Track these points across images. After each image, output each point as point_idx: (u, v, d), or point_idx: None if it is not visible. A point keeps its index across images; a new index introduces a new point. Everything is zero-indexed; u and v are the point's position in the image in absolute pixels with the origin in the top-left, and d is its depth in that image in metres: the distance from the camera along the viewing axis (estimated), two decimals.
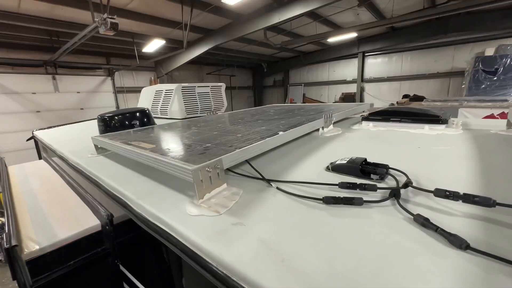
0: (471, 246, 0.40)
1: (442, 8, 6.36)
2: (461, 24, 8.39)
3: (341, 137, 1.16)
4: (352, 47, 10.83)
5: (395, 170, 0.70)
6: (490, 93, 7.74)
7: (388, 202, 0.57)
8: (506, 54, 7.84)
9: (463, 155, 0.79)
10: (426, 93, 9.66)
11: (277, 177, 0.78)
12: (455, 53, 9.31)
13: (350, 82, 11.71)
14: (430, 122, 1.12)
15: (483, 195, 0.53)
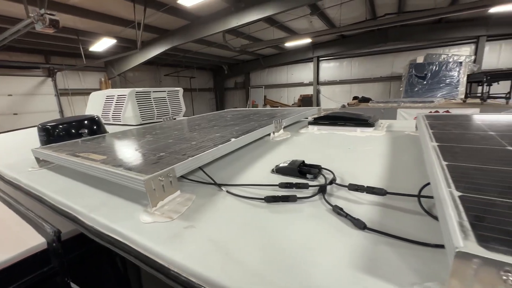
0: (368, 226, 0.53)
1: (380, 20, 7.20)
2: (398, 35, 9.58)
3: (289, 141, 1.29)
4: (307, 51, 11.52)
5: (326, 170, 0.83)
6: (421, 95, 8.99)
7: (316, 197, 0.69)
8: (433, 62, 9.19)
9: (380, 153, 0.97)
10: (372, 95, 10.76)
11: (228, 181, 0.85)
12: (394, 60, 10.59)
13: (307, 85, 12.43)
14: (361, 125, 1.31)
15: (382, 186, 0.68)
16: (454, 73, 8.66)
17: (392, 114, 6.77)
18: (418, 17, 6.45)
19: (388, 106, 7.16)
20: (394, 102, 7.41)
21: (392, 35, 9.51)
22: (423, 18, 6.53)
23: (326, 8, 7.55)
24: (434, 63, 9.07)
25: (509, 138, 0.74)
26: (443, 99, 7.56)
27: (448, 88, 8.72)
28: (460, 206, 0.44)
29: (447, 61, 8.91)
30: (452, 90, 8.54)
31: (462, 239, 0.35)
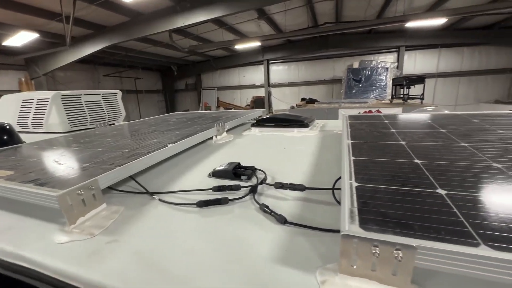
0: (288, 220, 0.58)
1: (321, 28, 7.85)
2: (337, 42, 10.58)
3: (231, 143, 1.32)
4: (257, 54, 11.84)
5: (260, 170, 0.88)
6: (358, 96, 10.12)
7: (247, 198, 0.72)
8: (366, 67, 10.43)
9: (309, 152, 1.07)
10: (318, 96, 11.64)
11: (163, 188, 0.83)
12: (334, 64, 11.66)
13: (259, 87, 12.76)
14: (298, 126, 1.42)
15: (308, 182, 0.75)
16: (382, 77, 9.99)
17: (334, 114, 7.44)
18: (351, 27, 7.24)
19: (331, 106, 7.86)
20: (336, 103, 8.17)
21: (332, 42, 10.45)
22: (356, 28, 7.36)
23: (273, 14, 7.89)
24: (367, 68, 10.32)
25: (404, 134, 0.90)
26: (375, 100, 8.62)
27: (378, 90, 10.01)
28: (355, 195, 0.52)
29: (377, 66, 10.23)
30: (382, 92, 9.84)
31: (349, 223, 0.42)
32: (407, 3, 7.28)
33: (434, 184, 0.53)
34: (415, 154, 0.70)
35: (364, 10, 7.95)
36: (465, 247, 0.35)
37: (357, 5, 7.61)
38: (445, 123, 1.02)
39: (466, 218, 0.41)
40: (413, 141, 0.82)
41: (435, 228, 0.39)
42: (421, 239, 0.37)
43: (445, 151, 0.71)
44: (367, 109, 7.37)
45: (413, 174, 0.58)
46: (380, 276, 0.39)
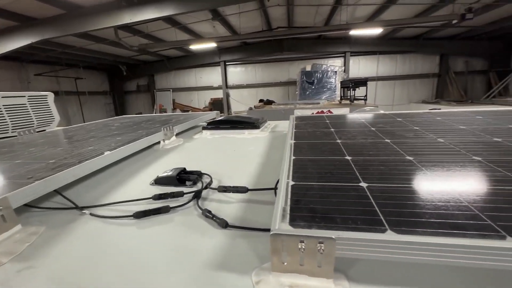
0: (230, 224, 0.58)
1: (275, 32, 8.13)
2: (291, 46, 11.06)
3: (180, 148, 1.26)
4: (214, 55, 11.69)
5: (206, 174, 0.86)
6: (311, 97, 10.74)
7: (191, 204, 0.70)
8: (317, 70, 11.13)
9: (258, 153, 1.09)
10: (275, 97, 12.00)
11: (97, 201, 0.75)
12: (289, 67, 12.18)
13: (217, 88, 12.61)
14: (249, 127, 1.44)
15: (254, 183, 0.76)
16: (332, 80, 10.79)
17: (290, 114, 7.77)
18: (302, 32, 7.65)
19: (287, 107, 8.19)
20: (292, 104, 8.54)
21: (286, 46, 10.91)
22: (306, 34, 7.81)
23: (227, 16, 7.88)
24: (318, 71, 11.03)
25: (340, 133, 0.98)
26: (326, 101, 9.26)
27: (329, 92, 10.78)
28: (290, 193, 0.54)
29: (327, 70, 11.01)
30: (332, 94, 10.63)
31: (279, 222, 0.43)
32: (350, 13, 8.02)
33: (358, 178, 0.58)
34: (347, 151, 0.77)
35: (313, 17, 8.49)
36: (374, 233, 0.39)
37: (306, 12, 8.08)
38: (375, 122, 1.14)
39: (379, 207, 0.46)
40: (348, 139, 0.90)
41: (353, 219, 0.43)
42: (341, 230, 0.40)
43: (371, 147, 0.79)
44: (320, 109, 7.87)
45: (343, 170, 0.64)
46: (308, 269, 0.41)
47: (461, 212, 0.43)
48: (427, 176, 0.57)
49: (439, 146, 0.76)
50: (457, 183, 0.53)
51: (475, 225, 0.39)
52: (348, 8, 7.45)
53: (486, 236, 0.37)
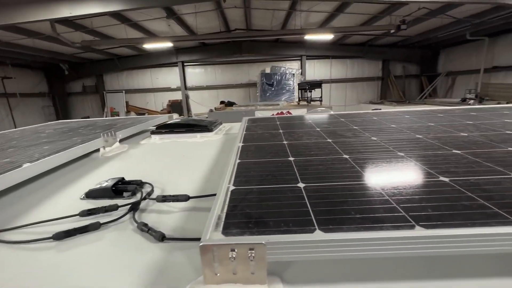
0: (167, 236, 0.54)
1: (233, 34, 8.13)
2: (250, 48, 11.19)
3: (123, 155, 1.16)
4: (171, 56, 11.19)
5: (147, 183, 0.80)
6: (272, 99, 11.01)
7: (127, 217, 0.64)
8: (276, 72, 11.47)
9: (209, 157, 1.06)
10: (236, 99, 11.99)
11: (7, 224, 0.63)
12: (249, 69, 12.31)
13: (176, 90, 12.09)
14: (201, 131, 1.39)
15: (199, 189, 0.72)
16: (290, 82, 11.23)
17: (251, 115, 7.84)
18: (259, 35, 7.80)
19: (249, 109, 8.26)
20: (253, 106, 8.64)
21: (245, 48, 11.00)
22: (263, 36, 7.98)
23: (183, 15, 7.61)
24: (277, 73, 11.37)
25: (288, 134, 1.00)
26: (285, 102, 9.58)
27: (288, 94, 11.20)
28: (228, 198, 0.53)
29: (285, 72, 11.41)
30: (291, 95, 11.05)
31: (211, 231, 0.42)
32: (304, 19, 8.45)
33: (298, 178, 0.60)
34: (291, 152, 0.79)
35: (270, 21, 8.73)
36: (302, 235, 0.39)
37: (263, 16, 8.27)
38: (320, 122, 1.20)
39: (312, 207, 0.48)
40: (294, 140, 0.92)
41: (286, 221, 0.43)
42: (273, 234, 0.40)
43: (314, 148, 0.82)
44: (280, 110, 8.10)
45: (285, 171, 0.65)
46: (242, 278, 0.40)
47: (381, 206, 0.46)
48: (358, 173, 0.61)
49: (372, 144, 0.83)
50: (381, 178, 0.58)
51: (391, 218, 0.43)
52: (302, 14, 7.83)
53: (399, 227, 0.40)
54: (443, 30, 8.60)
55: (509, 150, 0.72)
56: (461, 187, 0.52)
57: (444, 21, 7.73)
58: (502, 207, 0.44)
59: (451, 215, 0.43)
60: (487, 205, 0.45)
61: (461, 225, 0.40)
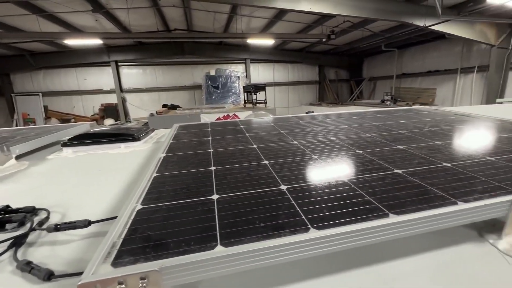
0: (56, 273, 0.46)
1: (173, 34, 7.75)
2: (192, 49, 10.83)
3: (19, 175, 0.96)
4: (101, 54, 10.00)
5: (43, 210, 0.67)
6: (218, 101, 10.91)
7: (6, 256, 0.52)
8: (221, 75, 11.41)
9: (130, 171, 0.96)
10: (181, 102, 11.48)
11: None
12: (193, 71, 11.93)
13: (109, 92, 10.85)
14: (126, 140, 1.27)
15: (107, 211, 0.64)
16: (236, 84, 11.33)
17: (197, 119, 7.61)
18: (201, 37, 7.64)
19: (193, 112, 7.99)
20: (198, 109, 8.39)
21: (188, 49, 10.61)
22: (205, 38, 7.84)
23: (114, 9, 6.89)
24: (222, 76, 11.33)
25: (216, 142, 0.99)
26: (232, 105, 9.62)
27: (234, 96, 11.27)
28: (131, 220, 0.48)
29: (231, 75, 11.46)
30: (237, 98, 11.15)
31: (97, 265, 0.37)
32: (246, 23, 8.64)
33: (213, 190, 0.59)
34: (214, 161, 0.77)
35: (212, 23, 8.63)
36: (201, 253, 0.38)
37: (205, 17, 8.13)
38: (251, 127, 1.23)
39: (220, 220, 0.47)
40: (221, 147, 0.91)
41: (188, 240, 0.41)
42: (170, 257, 0.37)
43: (238, 154, 0.83)
44: (226, 113, 8.09)
45: (202, 183, 0.63)
46: None
47: (285, 212, 0.49)
48: (272, 179, 0.64)
49: (293, 148, 0.88)
50: (291, 183, 0.61)
51: (291, 223, 0.45)
52: (243, 19, 7.98)
53: (295, 232, 0.43)
54: (364, 41, 9.95)
55: (397, 147, 0.85)
56: (355, 185, 0.59)
57: (365, 33, 8.94)
58: (381, 201, 0.51)
59: (341, 214, 0.47)
60: (370, 201, 0.52)
61: (347, 222, 0.45)
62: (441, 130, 1.07)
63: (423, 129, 1.09)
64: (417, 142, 0.90)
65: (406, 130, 1.08)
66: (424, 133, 1.02)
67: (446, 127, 1.13)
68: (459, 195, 0.53)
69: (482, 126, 1.11)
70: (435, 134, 1.01)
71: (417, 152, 0.80)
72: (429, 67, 9.79)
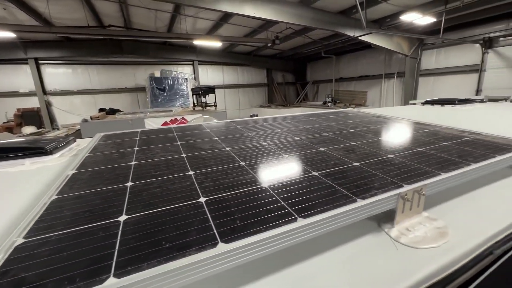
0: None
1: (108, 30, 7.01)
2: (133, 48, 9.99)
3: None
4: (15, 50, 8.43)
5: None
6: (165, 104, 10.30)
7: None
8: (167, 77, 10.82)
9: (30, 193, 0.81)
10: (121, 105, 10.47)
11: None
12: (135, 72, 11.01)
13: (28, 95, 9.19)
14: (34, 155, 1.07)
15: None
16: (184, 87, 10.89)
17: (141, 124, 7.04)
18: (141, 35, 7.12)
19: (136, 116, 7.36)
20: (141, 113, 7.76)
21: (127, 48, 9.75)
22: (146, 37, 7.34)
23: None
24: (168, 77, 10.75)
25: (142, 152, 0.91)
26: (180, 108, 9.20)
27: (183, 99, 10.81)
28: (3, 260, 0.39)
29: (178, 77, 10.96)
30: (186, 101, 10.73)
31: None
32: (191, 24, 8.38)
33: (122, 210, 0.53)
34: (133, 176, 0.71)
35: (153, 21, 8.11)
36: None
37: (146, 15, 7.58)
38: (185, 134, 1.18)
39: (121, 246, 0.42)
40: (145, 159, 0.85)
41: (73, 277, 0.36)
42: None
43: (163, 166, 0.78)
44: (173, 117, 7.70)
45: (111, 203, 0.56)
46: None
47: (195, 228, 0.47)
48: (192, 191, 0.61)
49: (222, 156, 0.87)
50: (207, 196, 0.60)
51: (200, 239, 0.43)
52: (188, 19, 7.73)
53: (202, 249, 0.41)
54: (306, 48, 10.71)
55: (319, 150, 0.92)
56: (274, 191, 0.61)
57: (306, 40, 9.63)
58: (294, 205, 0.54)
59: (252, 223, 0.48)
60: (284, 206, 0.54)
61: (256, 231, 0.45)
62: (359, 131, 1.21)
63: (344, 131, 1.21)
64: (337, 144, 0.99)
65: (330, 132, 1.18)
66: (345, 135, 1.14)
67: (363, 128, 1.27)
68: (360, 192, 0.59)
69: (391, 126, 1.30)
70: (354, 135, 1.13)
71: (335, 153, 0.88)
72: (360, 72, 11.11)
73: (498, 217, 0.67)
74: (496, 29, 6.79)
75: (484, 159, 0.79)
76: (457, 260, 0.55)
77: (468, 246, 0.57)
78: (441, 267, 0.52)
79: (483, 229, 0.62)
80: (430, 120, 1.47)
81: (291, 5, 6.21)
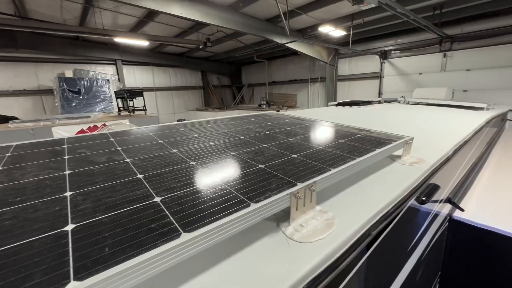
0: None
1: None
2: (32, 42, 8.23)
3: None
4: None
5: None
6: (80, 110, 8.86)
7: None
8: (83, 77, 9.34)
9: None
10: (19, 112, 8.52)
11: None
12: (37, 70, 9.09)
13: None
14: None
15: None
16: (105, 89, 9.59)
17: (47, 134, 5.85)
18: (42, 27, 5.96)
19: (40, 125, 6.07)
20: (47, 120, 6.46)
21: (23, 41, 7.99)
22: (49, 31, 6.19)
23: None
24: (84, 78, 9.27)
25: (8, 172, 0.72)
26: (101, 113, 8.05)
27: (104, 103, 9.51)
28: None
29: (97, 78, 9.59)
30: (108, 105, 9.47)
31: None
32: (110, 18, 7.44)
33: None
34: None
35: (59, 12, 6.86)
36: None
37: (48, 4, 6.33)
38: (77, 146, 1.00)
39: None
40: (8, 181, 0.67)
41: None
42: None
43: (31, 190, 0.62)
44: (92, 124, 6.70)
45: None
46: None
47: (36, 270, 0.38)
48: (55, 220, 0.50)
49: (118, 168, 0.77)
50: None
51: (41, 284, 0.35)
52: (107, 13, 6.84)
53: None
54: (239, 52, 10.94)
55: (230, 154, 0.92)
56: (164, 205, 0.55)
57: (239, 44, 9.83)
58: (182, 219, 0.50)
59: (130, 246, 0.42)
60: (171, 221, 0.49)
61: (132, 256, 0.39)
62: (274, 133, 1.26)
63: (260, 133, 1.25)
64: (250, 147, 1.01)
65: (247, 136, 1.20)
66: (260, 137, 1.17)
67: (278, 130, 1.34)
68: (255, 196, 0.60)
69: (303, 128, 1.41)
70: (268, 137, 1.17)
71: (244, 157, 0.88)
72: (290, 76, 12.02)
73: (376, 201, 0.78)
74: (388, 44, 8.39)
75: (367, 153, 0.92)
76: (340, 246, 0.60)
77: (349, 232, 0.64)
78: (326, 255, 0.57)
79: (363, 214, 0.71)
80: (338, 120, 1.66)
81: (220, 9, 6.22)
